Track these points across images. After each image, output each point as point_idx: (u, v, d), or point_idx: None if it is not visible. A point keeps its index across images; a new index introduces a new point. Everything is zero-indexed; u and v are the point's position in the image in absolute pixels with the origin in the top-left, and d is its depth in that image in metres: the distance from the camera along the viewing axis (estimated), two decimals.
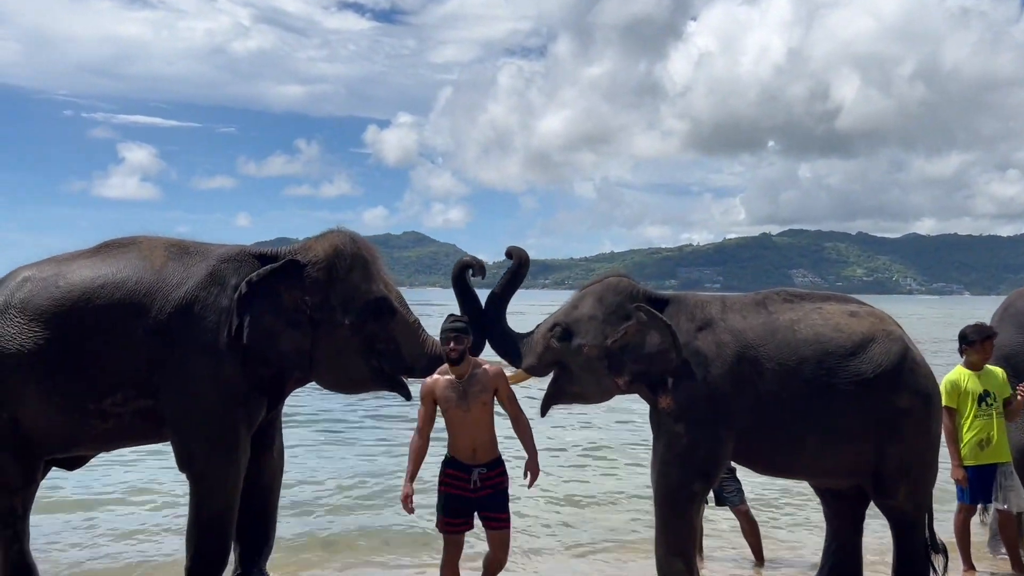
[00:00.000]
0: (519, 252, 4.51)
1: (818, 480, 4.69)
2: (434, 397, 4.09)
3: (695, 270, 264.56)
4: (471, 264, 4.42)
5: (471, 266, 4.42)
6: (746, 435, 4.31)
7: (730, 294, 4.78)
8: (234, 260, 4.46)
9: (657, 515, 4.39)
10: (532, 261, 4.54)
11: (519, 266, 4.47)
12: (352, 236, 4.56)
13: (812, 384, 4.29)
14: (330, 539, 5.80)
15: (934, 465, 4.55)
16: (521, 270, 4.47)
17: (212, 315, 4.30)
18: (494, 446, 4.09)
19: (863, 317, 4.52)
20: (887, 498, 4.43)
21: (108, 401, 4.26)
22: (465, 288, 4.42)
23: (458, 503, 4.02)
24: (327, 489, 7.14)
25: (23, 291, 4.32)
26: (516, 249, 4.52)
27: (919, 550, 4.52)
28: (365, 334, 4.39)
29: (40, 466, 4.48)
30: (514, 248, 4.51)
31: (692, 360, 4.30)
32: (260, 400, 4.44)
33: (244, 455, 4.39)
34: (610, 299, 4.43)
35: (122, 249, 4.49)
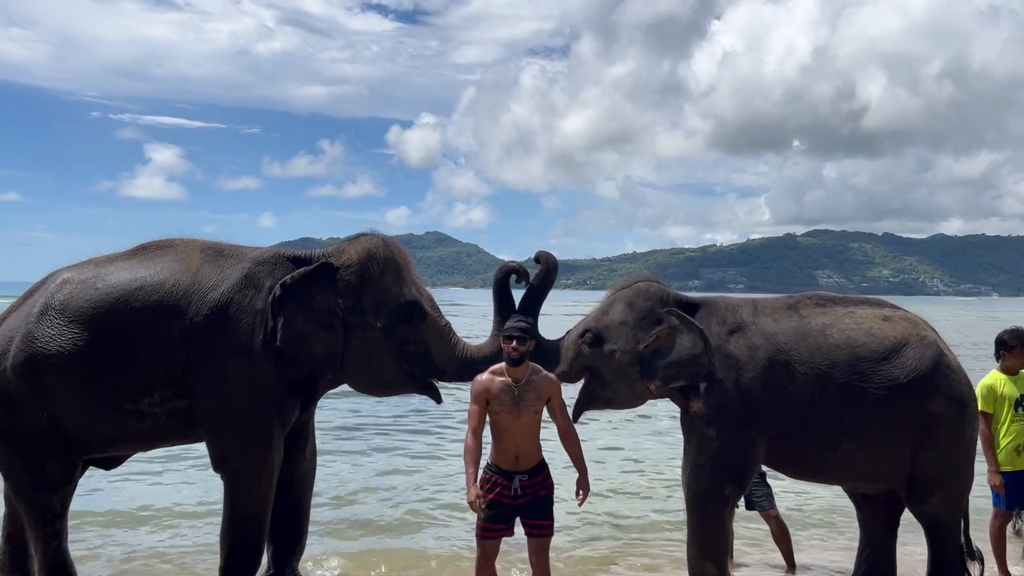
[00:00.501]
0: (548, 257, 4.49)
1: (851, 485, 4.66)
2: (487, 396, 3.96)
3: (718, 271, 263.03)
4: (515, 270, 4.39)
5: (515, 272, 4.39)
6: (778, 439, 4.29)
7: (761, 296, 4.75)
8: (268, 262, 4.51)
9: (689, 518, 4.38)
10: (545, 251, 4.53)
11: (548, 271, 4.45)
12: (384, 240, 4.58)
13: (844, 389, 4.26)
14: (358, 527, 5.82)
15: (969, 471, 4.50)
16: (550, 275, 4.44)
17: (247, 317, 4.35)
18: (538, 453, 4.00)
19: (896, 322, 4.48)
20: (921, 504, 4.40)
21: (145, 401, 4.32)
22: (506, 294, 4.39)
23: (498, 509, 3.93)
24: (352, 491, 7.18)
25: (62, 293, 4.39)
26: (545, 254, 4.50)
27: (954, 556, 4.48)
28: (396, 337, 4.41)
29: (79, 465, 4.54)
30: (543, 253, 4.49)
31: (724, 364, 4.29)
32: (294, 401, 4.49)
33: (278, 456, 4.43)
34: (640, 304, 4.42)
35: (159, 251, 4.55)
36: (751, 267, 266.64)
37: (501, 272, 4.41)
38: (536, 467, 3.97)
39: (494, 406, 3.96)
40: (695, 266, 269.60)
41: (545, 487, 3.98)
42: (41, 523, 4.45)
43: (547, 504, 3.98)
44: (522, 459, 3.95)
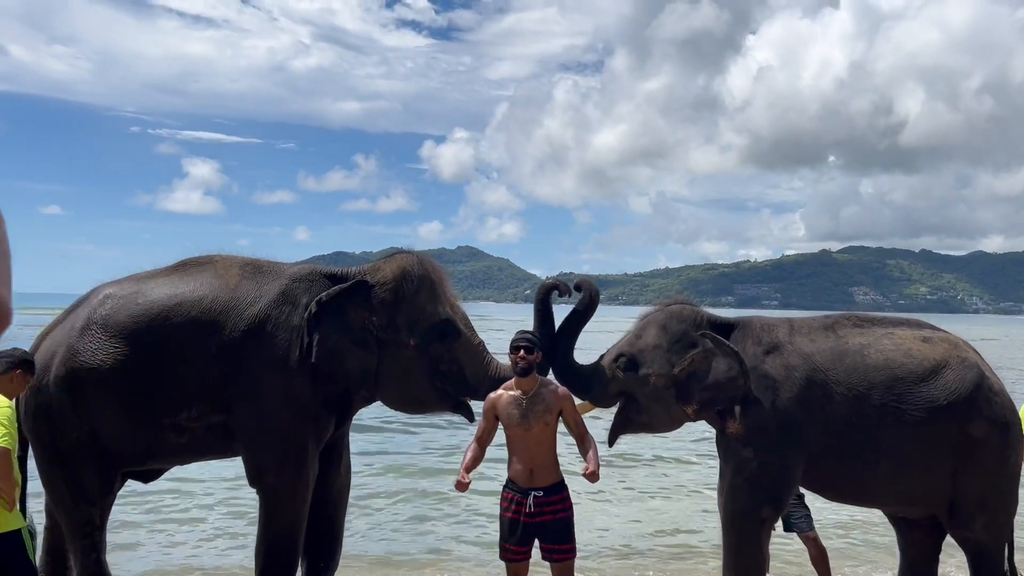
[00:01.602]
0: (590, 286, 4.44)
1: (891, 508, 4.59)
2: (495, 412, 4.03)
3: (752, 287, 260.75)
4: (557, 286, 4.37)
5: (556, 288, 4.36)
6: (816, 461, 4.24)
7: (797, 316, 4.70)
8: (305, 279, 4.55)
9: (725, 541, 4.34)
10: (587, 276, 4.52)
11: (591, 300, 4.39)
12: (420, 258, 4.61)
13: (882, 410, 4.20)
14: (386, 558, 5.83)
15: (1013, 496, 4.41)
16: (593, 302, 4.40)
17: (284, 333, 4.39)
18: (555, 471, 3.96)
19: (936, 343, 4.42)
20: (963, 529, 4.32)
21: (183, 416, 4.37)
22: (547, 312, 4.35)
23: (515, 528, 3.91)
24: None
25: (105, 308, 4.46)
26: (586, 282, 4.46)
27: None
28: (430, 355, 4.42)
29: (117, 478, 4.61)
30: (584, 281, 4.46)
31: (760, 384, 4.25)
32: (329, 417, 4.51)
33: (313, 471, 4.46)
34: (674, 327, 4.40)
35: (198, 268, 4.61)
36: (786, 283, 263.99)
37: (543, 290, 4.39)
38: (553, 486, 3.93)
39: (504, 420, 3.98)
40: (729, 282, 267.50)
41: (564, 509, 3.93)
42: (81, 535, 4.51)
43: (566, 526, 3.93)
44: (537, 474, 3.91)
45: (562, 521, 3.91)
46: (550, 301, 4.36)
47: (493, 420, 4.04)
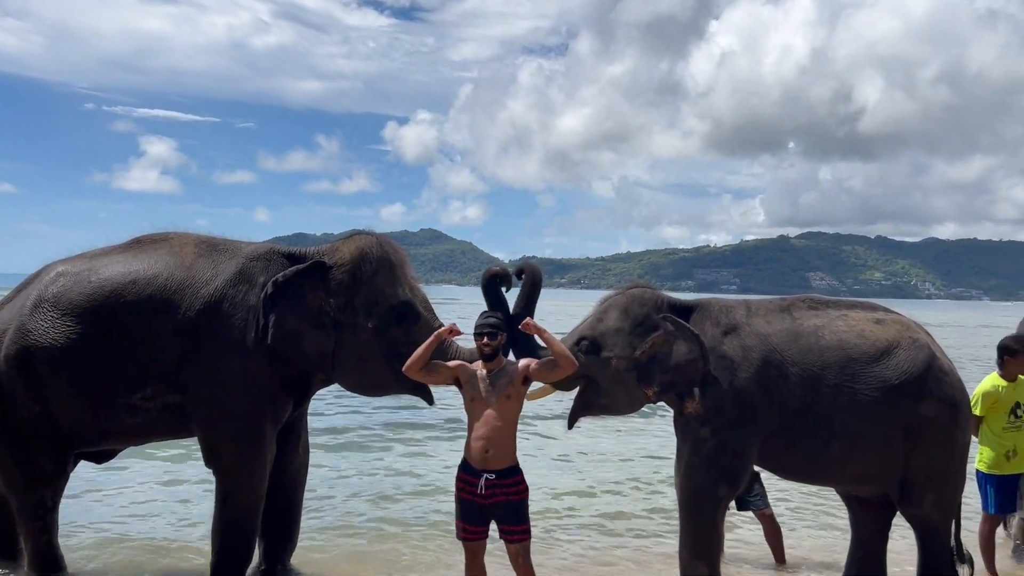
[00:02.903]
0: (532, 269, 4.39)
1: (843, 487, 4.68)
2: (456, 374, 4.00)
3: (712, 271, 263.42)
4: (499, 274, 4.31)
5: (498, 276, 4.31)
6: (771, 440, 4.31)
7: (754, 298, 4.76)
8: (263, 258, 4.50)
9: (682, 519, 4.39)
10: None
11: (533, 284, 4.33)
12: (379, 240, 4.57)
13: (836, 390, 4.28)
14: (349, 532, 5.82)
15: (961, 474, 4.53)
16: (536, 288, 4.33)
17: (240, 313, 4.34)
18: (510, 454, 3.93)
19: (889, 324, 4.51)
20: (913, 507, 4.42)
21: (137, 396, 4.31)
22: (497, 297, 4.28)
23: (470, 509, 3.92)
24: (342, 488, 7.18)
25: (56, 286, 4.38)
26: (529, 266, 4.42)
27: (944, 559, 4.50)
28: (388, 338, 4.39)
29: (70, 459, 4.54)
30: (527, 265, 4.42)
31: (718, 365, 4.30)
32: (286, 398, 4.48)
33: (270, 452, 4.43)
34: (635, 310, 4.43)
35: (153, 245, 4.54)
36: (744, 268, 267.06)
37: (486, 277, 4.32)
38: (507, 470, 3.90)
39: (465, 393, 3.97)
40: (689, 267, 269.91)
41: (516, 492, 3.91)
42: (32, 517, 4.44)
43: (519, 509, 3.92)
44: (492, 457, 3.88)
45: (515, 504, 3.91)
46: (496, 286, 4.28)
47: (448, 375, 4.02)
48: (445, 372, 4.06)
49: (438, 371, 4.07)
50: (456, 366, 4.07)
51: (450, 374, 4.05)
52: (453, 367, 4.06)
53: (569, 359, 3.99)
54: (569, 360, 3.98)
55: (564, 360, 3.97)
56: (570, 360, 3.99)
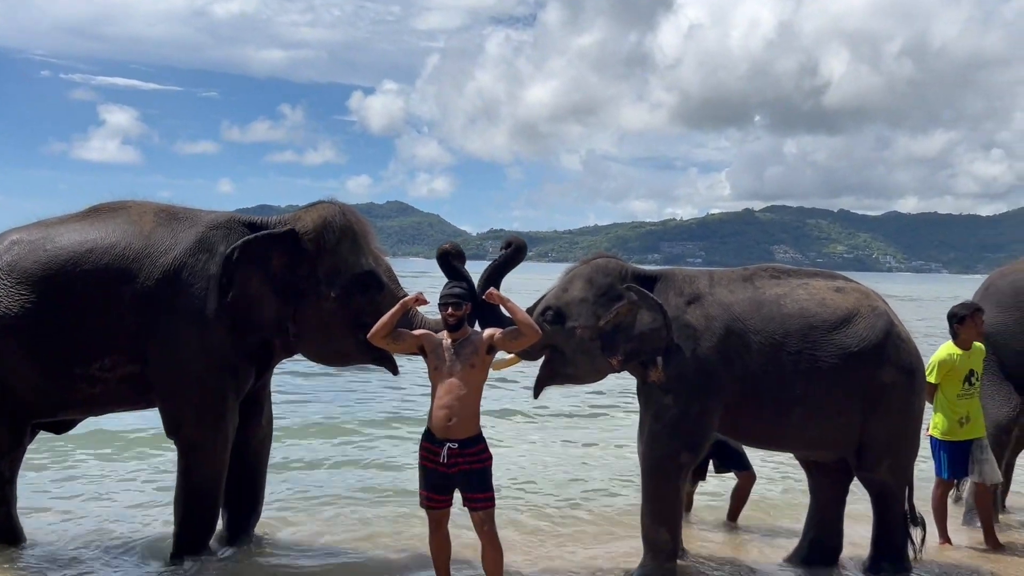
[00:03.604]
0: (518, 241, 4.39)
1: (803, 452, 4.76)
2: (421, 343, 3.99)
3: (678, 244, 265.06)
4: (449, 251, 4.23)
5: (448, 253, 4.22)
6: (733, 407, 4.37)
7: (717, 269, 4.80)
8: (223, 227, 4.44)
9: (644, 485, 4.44)
10: (516, 233, 4.46)
11: (516, 252, 4.33)
12: (343, 208, 4.53)
13: (797, 358, 4.35)
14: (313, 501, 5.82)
15: (916, 440, 4.63)
16: (518, 256, 4.34)
17: (200, 282, 4.29)
18: (473, 424, 3.93)
19: (848, 293, 4.58)
20: (869, 471, 4.52)
21: (96, 366, 4.26)
22: (454, 270, 4.21)
23: (433, 478, 3.93)
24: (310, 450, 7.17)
25: (10, 254, 4.30)
26: (516, 239, 4.41)
27: (898, 523, 4.61)
28: (352, 308, 4.36)
29: (27, 430, 4.48)
30: (514, 238, 4.41)
31: (682, 334, 4.34)
32: (248, 368, 4.45)
33: (232, 423, 4.41)
34: (600, 280, 4.44)
35: (111, 213, 4.46)
36: (710, 242, 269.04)
37: (439, 254, 4.25)
38: (469, 439, 3.91)
39: (430, 362, 3.97)
40: (655, 240, 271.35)
41: (479, 460, 3.93)
42: None
43: (482, 477, 3.93)
44: (455, 426, 3.89)
45: (478, 472, 3.92)
46: (449, 262, 4.20)
47: (413, 343, 4.00)
48: (410, 340, 4.05)
49: (403, 339, 4.06)
50: (421, 335, 4.06)
51: (415, 343, 4.04)
52: (418, 335, 4.06)
53: (533, 328, 3.99)
54: (533, 329, 3.99)
55: (528, 329, 3.97)
56: (534, 329, 4.00)
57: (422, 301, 4.09)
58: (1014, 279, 5.61)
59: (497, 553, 3.98)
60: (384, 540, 5.04)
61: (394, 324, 4.01)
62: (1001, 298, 5.54)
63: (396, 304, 4.08)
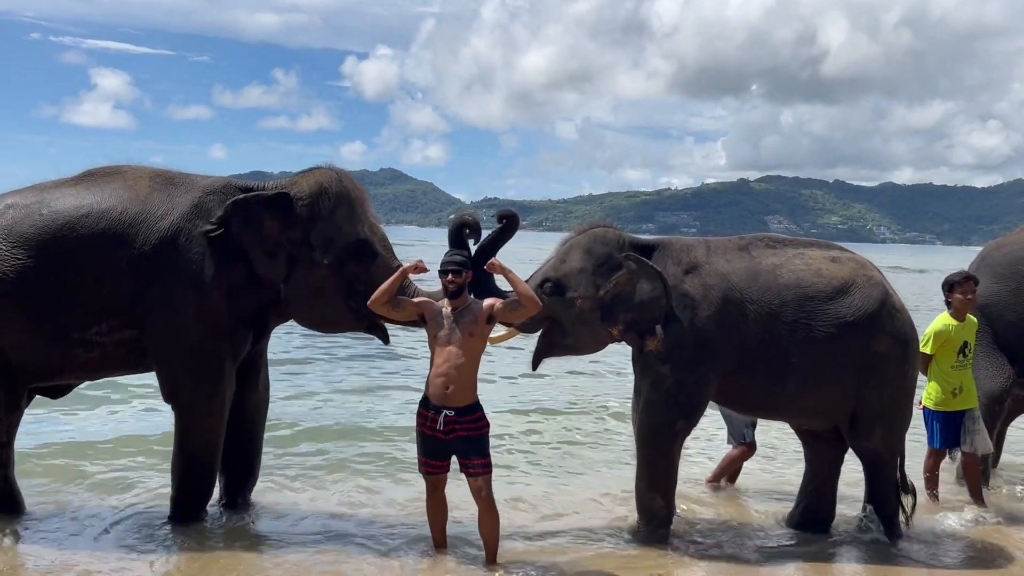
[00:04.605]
0: (514, 218, 4.37)
1: (797, 421, 4.80)
2: (421, 311, 4.01)
3: (672, 214, 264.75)
4: (468, 224, 4.26)
5: (467, 226, 4.26)
6: (729, 376, 4.40)
7: (713, 238, 4.80)
8: (219, 192, 4.43)
9: (639, 453, 4.49)
10: (510, 202, 4.45)
11: (509, 226, 4.32)
12: (339, 175, 4.50)
13: (793, 327, 4.37)
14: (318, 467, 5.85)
15: (909, 409, 4.68)
16: (511, 229, 4.33)
17: (197, 248, 4.28)
18: (471, 391, 3.95)
19: (844, 263, 4.59)
20: (862, 440, 4.56)
21: (92, 331, 4.26)
22: (462, 243, 4.22)
23: (430, 444, 3.96)
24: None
25: (6, 218, 4.27)
26: (512, 213, 4.40)
27: (890, 491, 4.67)
28: (345, 275, 4.36)
29: (24, 394, 4.48)
30: (507, 211, 4.40)
31: (679, 303, 4.36)
32: (245, 334, 4.46)
33: (229, 388, 4.42)
34: (598, 250, 4.44)
35: (106, 178, 4.44)
36: (704, 211, 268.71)
37: (455, 224, 4.28)
38: (467, 407, 3.93)
39: (429, 329, 3.98)
40: (650, 209, 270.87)
41: (476, 428, 3.95)
42: None
43: (480, 444, 3.96)
44: (453, 394, 3.90)
45: (476, 439, 3.95)
46: (464, 237, 4.23)
47: (412, 311, 4.03)
48: (410, 308, 4.06)
49: (402, 307, 4.06)
50: (421, 302, 4.07)
51: (414, 310, 4.05)
52: (418, 303, 4.06)
53: (534, 299, 3.99)
54: (534, 300, 3.99)
55: (529, 300, 3.97)
56: (535, 300, 4.00)
57: (421, 269, 4.09)
58: (1009, 251, 5.63)
59: (494, 518, 4.03)
60: (380, 506, 5.08)
61: (394, 291, 4.01)
62: (996, 269, 5.57)
63: (391, 273, 4.09)
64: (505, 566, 4.05)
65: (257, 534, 4.52)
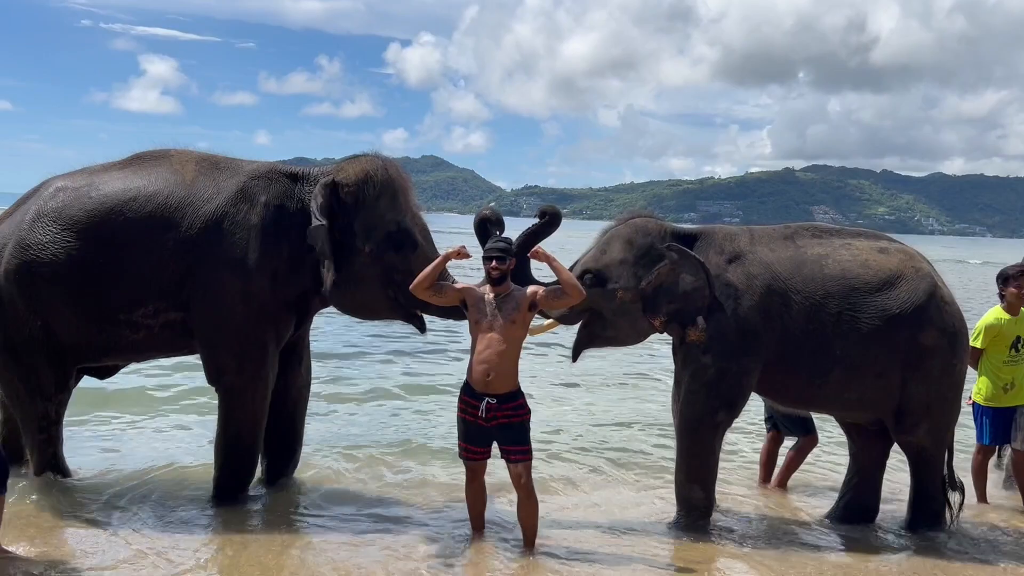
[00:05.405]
0: (554, 211, 4.35)
1: (841, 414, 4.73)
2: (463, 296, 4.01)
3: (715, 204, 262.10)
4: (488, 218, 4.26)
5: (489, 220, 4.25)
6: (771, 367, 4.34)
7: (757, 227, 4.73)
8: (264, 177, 4.46)
9: (679, 443, 4.45)
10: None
11: (550, 223, 4.28)
12: (385, 163, 4.50)
13: (838, 319, 4.30)
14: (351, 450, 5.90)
15: (956, 403, 4.57)
16: (552, 227, 4.29)
17: (241, 232, 4.32)
18: (512, 379, 3.94)
19: (892, 254, 4.50)
20: (907, 435, 4.47)
21: (139, 312, 4.33)
22: (489, 236, 4.17)
23: (471, 430, 3.97)
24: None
25: (56, 200, 4.36)
26: (552, 208, 4.37)
27: (936, 487, 4.58)
28: (384, 264, 4.37)
29: (73, 374, 4.58)
30: (550, 208, 4.37)
31: (722, 293, 4.31)
32: (288, 318, 4.50)
33: (272, 371, 4.47)
34: (640, 241, 4.40)
35: (154, 162, 4.50)
36: (748, 201, 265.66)
37: (477, 219, 4.27)
38: (508, 395, 3.93)
39: (471, 315, 3.98)
40: (692, 199, 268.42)
41: (518, 415, 3.95)
42: (36, 429, 4.51)
43: (520, 431, 3.96)
44: (494, 380, 3.91)
45: (517, 425, 3.95)
46: (487, 229, 4.20)
47: (455, 296, 4.04)
48: (452, 294, 4.06)
49: (444, 292, 4.07)
50: (463, 288, 4.07)
51: (457, 296, 4.05)
52: (460, 289, 4.07)
53: (578, 288, 3.97)
54: (577, 290, 3.97)
55: (573, 289, 3.95)
56: (579, 290, 3.97)
57: (464, 254, 4.08)
58: None
59: (533, 505, 4.03)
60: (422, 489, 5.10)
61: (436, 277, 4.02)
62: None
63: (429, 263, 4.09)
64: (541, 552, 4.05)
65: (299, 514, 4.56)
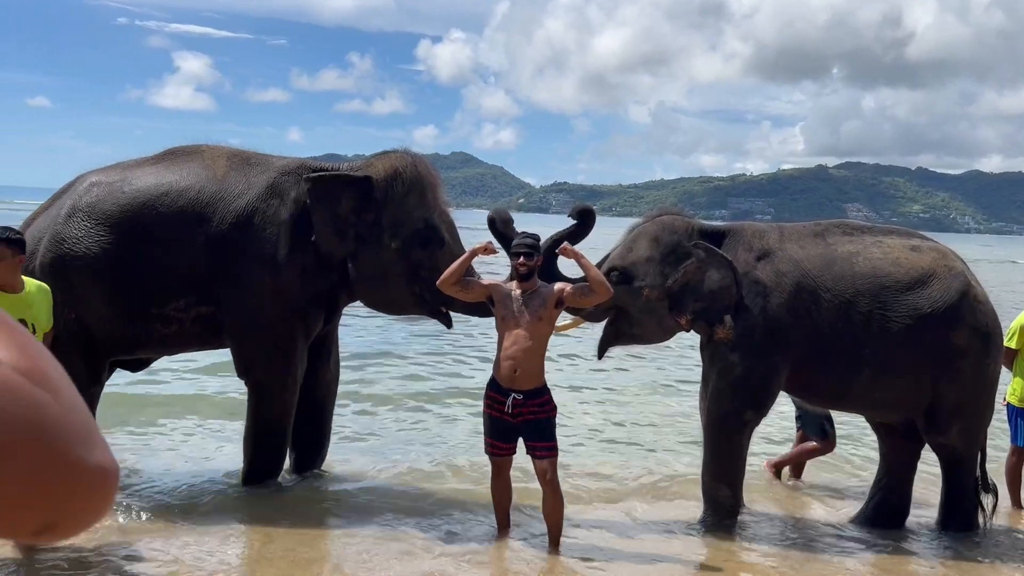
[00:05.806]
0: (588, 210, 4.33)
1: (871, 414, 4.67)
2: (490, 292, 4.00)
3: (747, 201, 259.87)
4: (494, 219, 4.21)
5: (493, 222, 4.19)
6: (800, 366, 4.30)
7: (787, 223, 4.68)
8: (295, 173, 4.50)
9: (706, 442, 4.43)
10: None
11: (584, 227, 4.26)
12: (415, 160, 4.53)
13: (868, 318, 4.24)
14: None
15: (990, 405, 4.50)
16: (586, 230, 4.28)
17: (272, 227, 4.36)
18: (538, 375, 3.93)
19: (924, 252, 4.44)
20: (939, 436, 4.41)
21: (171, 306, 4.38)
22: (504, 238, 4.16)
23: (498, 426, 3.97)
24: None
25: (90, 195, 4.42)
26: (585, 206, 4.35)
27: (968, 489, 4.51)
28: (410, 260, 4.39)
29: (105, 367, 4.64)
30: (584, 205, 4.35)
31: (751, 290, 4.27)
32: (317, 313, 4.54)
33: (301, 365, 4.51)
34: (666, 239, 4.37)
35: (186, 157, 4.55)
36: (780, 198, 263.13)
37: (488, 220, 4.22)
38: (534, 391, 3.92)
39: (497, 311, 3.97)
40: (723, 196, 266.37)
41: (544, 411, 3.94)
42: None
43: (546, 427, 3.95)
44: (520, 377, 3.90)
45: (543, 422, 3.94)
46: (497, 228, 4.16)
47: (481, 292, 4.02)
48: (479, 289, 4.06)
49: (471, 288, 4.07)
50: (490, 284, 4.07)
51: (483, 292, 4.05)
52: (487, 284, 4.07)
53: (605, 286, 3.95)
54: (605, 287, 3.95)
55: (600, 286, 3.94)
56: (606, 287, 3.95)
57: (491, 250, 4.07)
58: None
59: (558, 501, 4.02)
60: (446, 485, 5.12)
61: (463, 272, 4.02)
62: None
63: (456, 260, 4.07)
64: (566, 549, 4.05)
65: (326, 507, 4.59)
